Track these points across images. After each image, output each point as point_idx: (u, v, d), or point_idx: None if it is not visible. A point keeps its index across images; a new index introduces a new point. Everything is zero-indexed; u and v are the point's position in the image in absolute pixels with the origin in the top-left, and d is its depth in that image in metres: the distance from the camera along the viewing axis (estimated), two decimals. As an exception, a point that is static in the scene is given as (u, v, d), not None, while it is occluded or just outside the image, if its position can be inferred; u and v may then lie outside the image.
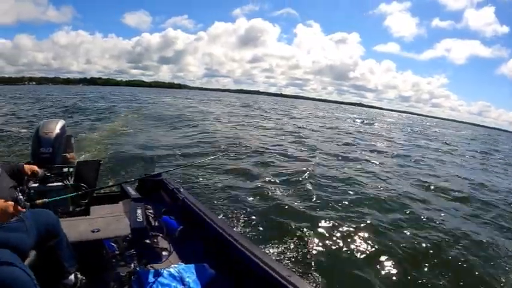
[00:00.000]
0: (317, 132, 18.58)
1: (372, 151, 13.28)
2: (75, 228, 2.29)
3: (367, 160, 10.75)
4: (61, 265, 1.80)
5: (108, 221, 2.54)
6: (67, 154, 3.02)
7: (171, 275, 1.96)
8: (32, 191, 2.28)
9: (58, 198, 2.00)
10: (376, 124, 34.30)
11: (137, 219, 2.35)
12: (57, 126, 2.97)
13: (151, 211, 2.74)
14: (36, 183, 2.43)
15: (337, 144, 13.98)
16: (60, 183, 2.67)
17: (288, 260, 3.69)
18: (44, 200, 1.78)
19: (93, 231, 2.33)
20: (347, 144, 14.56)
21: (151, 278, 1.92)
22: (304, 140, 14.05)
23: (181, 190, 3.21)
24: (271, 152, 10.13)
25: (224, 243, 2.34)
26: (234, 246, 2.24)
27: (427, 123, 62.25)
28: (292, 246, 3.98)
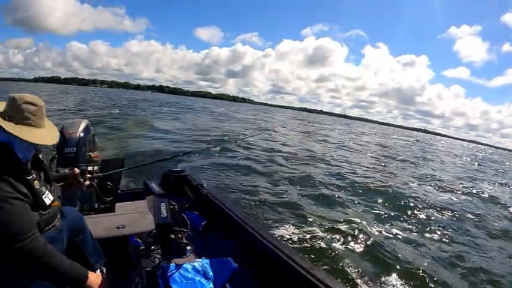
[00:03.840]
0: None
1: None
2: (100, 225, 2.32)
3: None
4: (87, 261, 1.82)
5: (133, 217, 2.57)
6: (91, 153, 3.08)
7: (195, 269, 1.95)
8: None
9: None
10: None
11: (161, 215, 2.36)
12: (80, 126, 3.03)
13: (175, 206, 2.75)
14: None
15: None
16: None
17: (312, 255, 3.64)
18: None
19: (118, 228, 2.36)
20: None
21: (176, 272, 1.92)
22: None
23: (205, 185, 3.21)
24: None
25: (247, 237, 2.31)
26: (257, 240, 2.21)
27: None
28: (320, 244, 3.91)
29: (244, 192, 5.88)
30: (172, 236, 2.45)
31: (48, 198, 1.43)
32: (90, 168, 2.88)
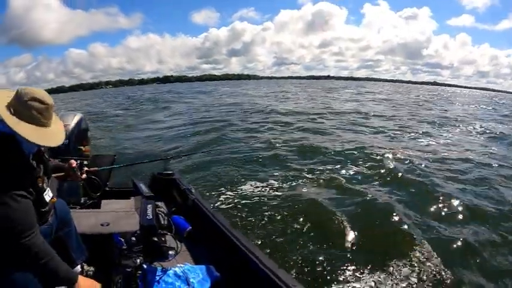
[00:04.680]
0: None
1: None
2: (85, 220, 2.30)
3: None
4: (69, 255, 1.81)
5: (118, 216, 2.55)
6: (82, 147, 3.07)
7: (176, 274, 1.95)
8: None
9: None
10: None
11: (147, 217, 2.34)
12: (74, 119, 3.03)
13: (161, 209, 2.74)
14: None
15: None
16: None
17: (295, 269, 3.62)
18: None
19: (102, 225, 2.34)
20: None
21: (156, 276, 1.91)
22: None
23: (193, 191, 3.21)
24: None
25: (232, 247, 2.31)
26: (241, 251, 2.21)
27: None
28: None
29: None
30: (156, 239, 2.43)
31: (48, 195, 1.42)
32: (79, 162, 2.88)
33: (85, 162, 2.90)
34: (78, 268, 1.90)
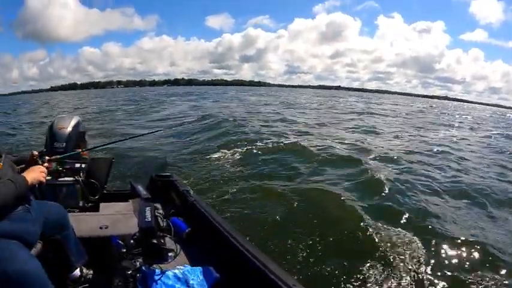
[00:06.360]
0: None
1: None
2: (83, 224, 2.30)
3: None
4: (68, 259, 1.81)
5: (116, 219, 2.55)
6: (80, 150, 3.06)
7: (176, 276, 1.95)
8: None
9: None
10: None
11: (146, 219, 2.33)
12: (71, 122, 3.02)
13: (160, 211, 2.73)
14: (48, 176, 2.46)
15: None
16: (71, 178, 2.70)
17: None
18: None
19: (101, 228, 2.34)
20: None
21: (156, 278, 1.91)
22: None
23: (191, 192, 3.21)
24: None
25: (231, 248, 2.31)
26: (241, 252, 2.21)
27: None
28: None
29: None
30: (155, 241, 2.43)
31: None
32: (77, 165, 2.88)
33: (83, 165, 2.92)
34: (78, 271, 1.90)
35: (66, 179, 2.71)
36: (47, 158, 1.91)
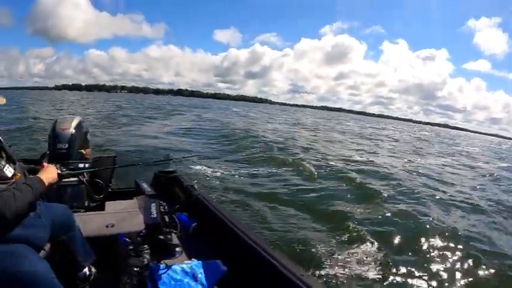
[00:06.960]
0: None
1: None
2: (90, 223, 2.31)
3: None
4: (75, 259, 1.82)
5: (122, 217, 2.56)
6: (83, 150, 3.06)
7: (183, 270, 1.95)
8: None
9: None
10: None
11: (151, 215, 2.35)
12: (73, 123, 3.01)
13: (165, 207, 2.74)
14: None
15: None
16: (75, 179, 2.70)
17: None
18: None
19: (107, 226, 2.35)
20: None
21: (164, 274, 1.91)
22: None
23: (196, 187, 3.22)
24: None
25: (238, 240, 2.32)
26: (247, 244, 2.22)
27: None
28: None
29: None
30: (162, 237, 2.44)
31: (9, 170, 1.46)
32: (81, 165, 2.88)
33: (86, 165, 2.93)
34: (86, 270, 1.91)
35: (71, 179, 2.72)
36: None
